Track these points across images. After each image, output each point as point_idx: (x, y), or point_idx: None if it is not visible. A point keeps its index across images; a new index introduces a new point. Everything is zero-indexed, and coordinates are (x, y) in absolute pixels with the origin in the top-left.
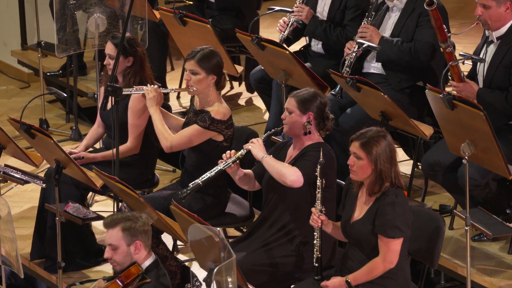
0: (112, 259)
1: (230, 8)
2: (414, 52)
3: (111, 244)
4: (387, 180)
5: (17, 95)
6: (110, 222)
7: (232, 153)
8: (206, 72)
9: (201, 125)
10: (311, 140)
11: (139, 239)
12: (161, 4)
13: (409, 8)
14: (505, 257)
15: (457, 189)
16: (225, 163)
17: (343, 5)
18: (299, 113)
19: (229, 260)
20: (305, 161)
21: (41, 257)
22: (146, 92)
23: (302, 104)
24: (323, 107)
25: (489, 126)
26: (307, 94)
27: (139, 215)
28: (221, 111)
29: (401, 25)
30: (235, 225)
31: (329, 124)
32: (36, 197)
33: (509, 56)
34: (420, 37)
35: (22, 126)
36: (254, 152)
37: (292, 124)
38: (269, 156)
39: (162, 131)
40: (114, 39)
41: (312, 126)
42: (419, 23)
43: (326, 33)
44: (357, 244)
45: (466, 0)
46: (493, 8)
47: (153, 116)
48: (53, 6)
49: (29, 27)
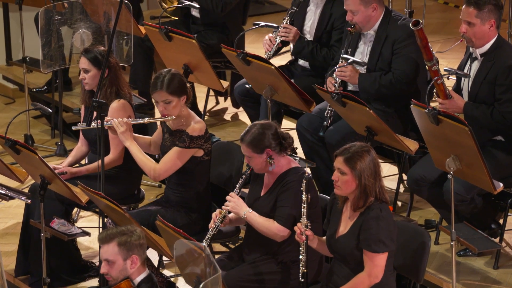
0: (108, 274)
1: (216, 23)
2: (394, 83)
3: (107, 259)
4: (371, 195)
5: (2, 110)
6: (105, 237)
7: (218, 214)
8: (178, 96)
9: (182, 145)
10: (281, 169)
11: (135, 253)
12: (147, 20)
13: (382, 35)
14: (491, 272)
15: (442, 204)
16: (215, 227)
17: (330, 25)
18: (257, 155)
19: (215, 275)
20: (280, 208)
21: (26, 273)
22: (116, 127)
23: (254, 146)
24: (275, 136)
25: (474, 141)
26: (254, 134)
27: (133, 229)
28: (197, 127)
29: (377, 54)
30: (221, 240)
31: (288, 142)
32: (20, 213)
33: (493, 72)
34: (396, 66)
35: (7, 141)
36: (235, 212)
37: (258, 166)
38: (249, 212)
39: (145, 162)
40: (87, 53)
41: (275, 157)
42: (394, 50)
43: (313, 54)
44: (342, 259)
45: (450, 16)
46: (478, 26)
47: (130, 149)
48: (38, 22)
49: (14, 42)
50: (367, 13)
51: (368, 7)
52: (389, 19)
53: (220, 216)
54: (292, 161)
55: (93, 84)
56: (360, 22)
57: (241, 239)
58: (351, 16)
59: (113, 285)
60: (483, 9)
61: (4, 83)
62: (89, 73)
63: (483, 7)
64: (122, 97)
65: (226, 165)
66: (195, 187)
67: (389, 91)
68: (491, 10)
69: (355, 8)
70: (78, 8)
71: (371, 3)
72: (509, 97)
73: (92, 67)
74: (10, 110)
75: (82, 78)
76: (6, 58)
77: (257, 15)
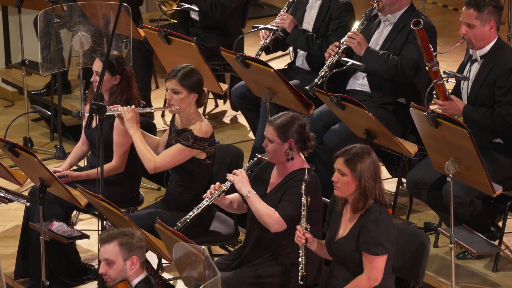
0: (107, 275)
1: (215, 26)
2: (400, 66)
3: (107, 259)
4: (371, 197)
5: (1, 113)
6: (106, 237)
7: (217, 186)
8: (188, 91)
9: (185, 144)
10: (294, 166)
11: (135, 254)
12: (146, 22)
13: (400, 24)
14: (490, 275)
15: (441, 207)
16: (211, 198)
17: (328, 17)
18: (280, 141)
19: (214, 278)
20: (285, 202)
21: (25, 276)
22: (124, 113)
23: (281, 131)
24: (302, 130)
25: (473, 144)
26: (284, 120)
27: (134, 231)
28: (203, 129)
29: (390, 39)
30: (220, 243)
31: (310, 144)
32: (20, 216)
33: (493, 74)
34: (407, 52)
35: (6, 144)
36: (238, 186)
37: (275, 152)
38: (253, 193)
39: (144, 152)
40: (103, 56)
41: (295, 151)
42: (408, 39)
43: (308, 42)
44: (341, 261)
45: (449, 19)
46: (478, 27)
47: (133, 137)
48: (38, 25)
49: (13, 45)
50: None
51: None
52: (412, 13)
53: (220, 189)
54: (305, 162)
55: (104, 88)
56: (387, 1)
57: (240, 241)
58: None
59: (111, 287)
60: (483, 11)
61: (4, 86)
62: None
63: (483, 8)
64: None
65: (225, 167)
66: (194, 188)
67: (392, 71)
68: (491, 11)
69: None
70: (77, 11)
71: None
72: (510, 99)
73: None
74: (9, 113)
75: (94, 80)
76: (5, 61)
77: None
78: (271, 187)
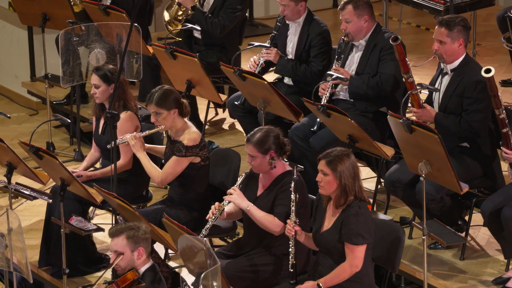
0: (117, 264)
1: (215, 43)
2: (380, 84)
3: (116, 251)
4: (351, 194)
5: (26, 121)
6: (115, 231)
7: (217, 206)
8: (167, 109)
9: (179, 155)
10: (278, 171)
11: (141, 246)
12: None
13: (371, 44)
14: (457, 263)
15: (415, 203)
16: (214, 218)
17: (308, 44)
18: (261, 155)
19: (215, 266)
20: (280, 206)
21: (48, 264)
22: (129, 141)
23: (260, 146)
24: (278, 140)
25: (443, 147)
26: (260, 136)
27: (139, 225)
28: (192, 137)
29: (365, 60)
30: (220, 235)
31: (287, 148)
32: (43, 211)
33: (461, 86)
34: (384, 70)
35: (31, 148)
36: (237, 203)
37: (259, 166)
38: (251, 205)
39: (151, 170)
40: (97, 71)
41: (276, 159)
42: (381, 57)
43: (294, 70)
44: (326, 251)
45: (422, 37)
46: (448, 44)
47: (141, 159)
48: (59, 42)
49: (37, 61)
50: (359, 24)
51: (361, 19)
52: (379, 32)
53: (220, 208)
54: (286, 165)
55: (103, 98)
56: (353, 32)
57: (237, 234)
58: (345, 26)
59: (121, 275)
60: (453, 29)
61: (29, 97)
62: (99, 88)
63: (453, 27)
64: (129, 109)
65: (224, 168)
66: (195, 189)
67: (375, 92)
68: (460, 30)
69: (349, 18)
70: (94, 31)
71: (364, 15)
72: (475, 108)
73: (102, 83)
74: (34, 121)
75: (93, 92)
76: (30, 75)
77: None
78: (260, 191)
